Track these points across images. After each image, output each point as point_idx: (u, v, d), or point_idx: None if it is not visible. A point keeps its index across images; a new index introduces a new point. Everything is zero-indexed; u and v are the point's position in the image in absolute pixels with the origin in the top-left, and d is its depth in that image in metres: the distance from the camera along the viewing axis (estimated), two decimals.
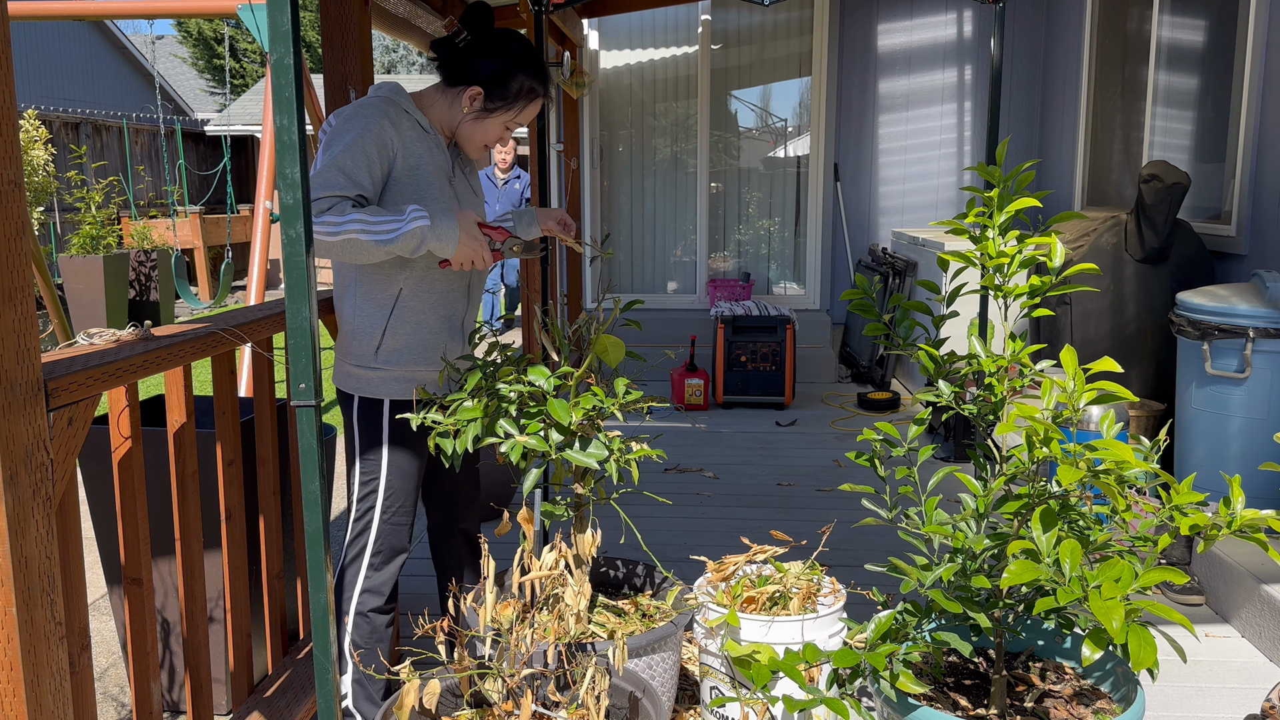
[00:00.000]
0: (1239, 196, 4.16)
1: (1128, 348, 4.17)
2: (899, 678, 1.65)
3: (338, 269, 2.26)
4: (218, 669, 2.52)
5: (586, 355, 2.19)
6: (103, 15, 5.81)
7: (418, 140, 2.15)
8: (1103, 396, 1.59)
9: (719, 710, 2.25)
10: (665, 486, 4.42)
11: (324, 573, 1.67)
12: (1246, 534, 1.48)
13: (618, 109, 7.53)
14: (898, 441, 1.92)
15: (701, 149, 7.39)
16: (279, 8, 1.48)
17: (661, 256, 7.67)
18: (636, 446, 2.09)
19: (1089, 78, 5.95)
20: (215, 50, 24.27)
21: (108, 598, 3.17)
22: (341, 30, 2.50)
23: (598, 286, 7.52)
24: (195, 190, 14.74)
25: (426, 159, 2.16)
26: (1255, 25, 4.07)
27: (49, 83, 15.94)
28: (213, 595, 2.45)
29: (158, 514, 2.40)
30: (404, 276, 2.18)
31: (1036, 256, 1.76)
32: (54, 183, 9.38)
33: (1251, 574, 2.94)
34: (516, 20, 6.00)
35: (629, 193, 7.62)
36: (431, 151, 2.18)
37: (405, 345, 2.20)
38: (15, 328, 1.35)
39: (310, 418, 1.64)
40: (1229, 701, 2.59)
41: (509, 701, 1.82)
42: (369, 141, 2.05)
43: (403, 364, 2.21)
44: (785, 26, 7.30)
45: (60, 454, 1.48)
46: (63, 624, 1.48)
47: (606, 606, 2.35)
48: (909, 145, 7.16)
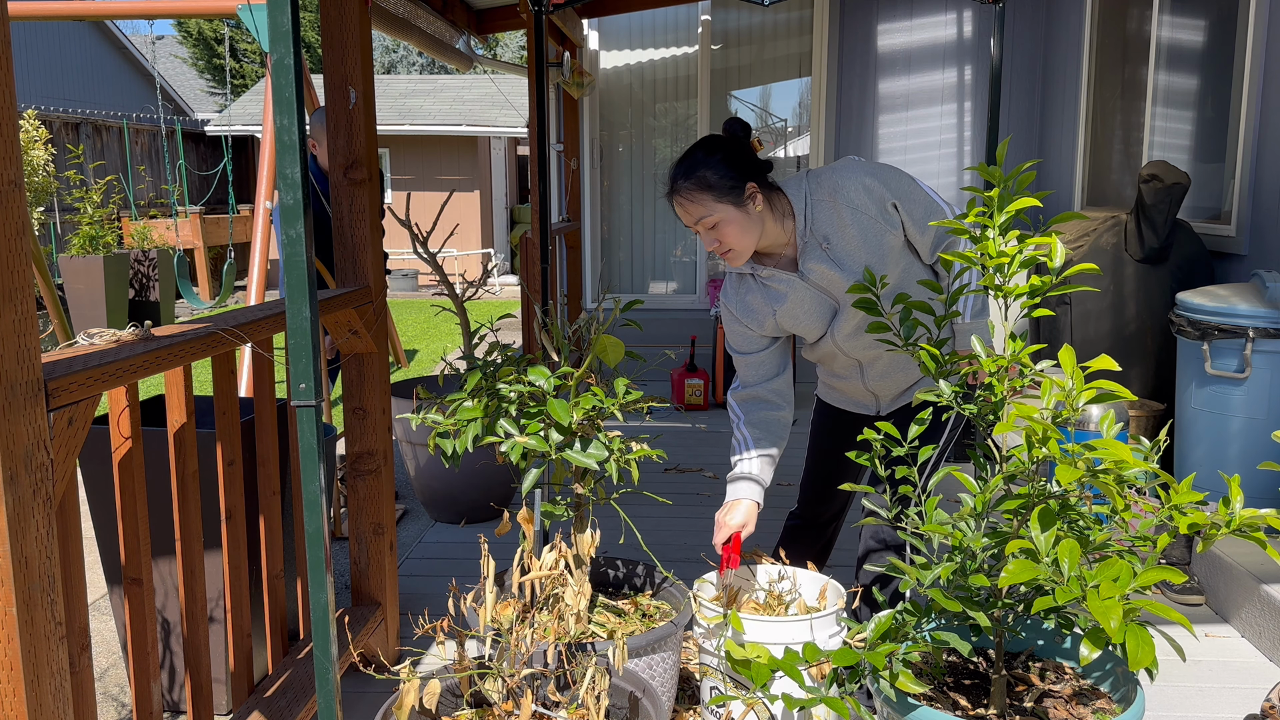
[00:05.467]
0: (1239, 196, 4.16)
1: (1128, 348, 4.17)
2: (899, 677, 1.65)
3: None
4: (218, 669, 2.52)
5: (586, 355, 2.20)
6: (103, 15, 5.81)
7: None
8: (1102, 395, 1.59)
9: (719, 710, 2.25)
10: (665, 486, 4.42)
11: (324, 573, 1.67)
12: (1245, 533, 1.48)
13: (618, 109, 7.53)
14: (898, 441, 1.92)
15: None
16: (279, 8, 1.48)
17: (661, 256, 7.67)
18: (636, 446, 2.09)
19: (1089, 78, 5.95)
20: (215, 50, 24.26)
21: (108, 598, 3.18)
22: (341, 30, 2.50)
23: (598, 286, 7.52)
24: (195, 190, 14.74)
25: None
26: (1255, 25, 4.07)
27: (49, 83, 15.94)
28: (213, 595, 2.46)
29: (158, 514, 2.41)
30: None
31: (1037, 256, 1.76)
32: (54, 183, 9.38)
33: (1251, 574, 2.94)
34: (516, 20, 6.01)
35: (629, 193, 7.62)
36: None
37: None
38: (15, 328, 1.35)
39: (310, 418, 1.65)
40: (1229, 701, 2.59)
41: (509, 701, 1.82)
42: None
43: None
44: (785, 26, 7.30)
45: (60, 454, 1.48)
46: (63, 624, 1.48)
47: (606, 606, 2.35)
48: (909, 145, 7.16)
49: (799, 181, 2.32)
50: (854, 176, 2.28)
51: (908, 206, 2.29)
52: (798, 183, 2.31)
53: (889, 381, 2.49)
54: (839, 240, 2.28)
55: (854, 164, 2.32)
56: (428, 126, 14.35)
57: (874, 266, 2.29)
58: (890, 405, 2.55)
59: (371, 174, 2.59)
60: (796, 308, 2.36)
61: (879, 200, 2.27)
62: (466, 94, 15.83)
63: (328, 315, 2.40)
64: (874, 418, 2.59)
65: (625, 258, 7.70)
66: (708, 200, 2.19)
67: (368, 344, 2.62)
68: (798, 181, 2.32)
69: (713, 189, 2.19)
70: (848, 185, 2.27)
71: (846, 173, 2.29)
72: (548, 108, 4.93)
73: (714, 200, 2.19)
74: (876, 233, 2.27)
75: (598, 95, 7.43)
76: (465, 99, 15.60)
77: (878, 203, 2.27)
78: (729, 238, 2.23)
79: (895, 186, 2.29)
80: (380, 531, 2.72)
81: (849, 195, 2.27)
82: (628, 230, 7.66)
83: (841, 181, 2.28)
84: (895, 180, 2.30)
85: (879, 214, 2.27)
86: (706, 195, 2.19)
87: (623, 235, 7.67)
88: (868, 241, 2.27)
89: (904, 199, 2.29)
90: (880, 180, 2.28)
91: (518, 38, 26.54)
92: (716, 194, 2.19)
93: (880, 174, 2.29)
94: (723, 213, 2.20)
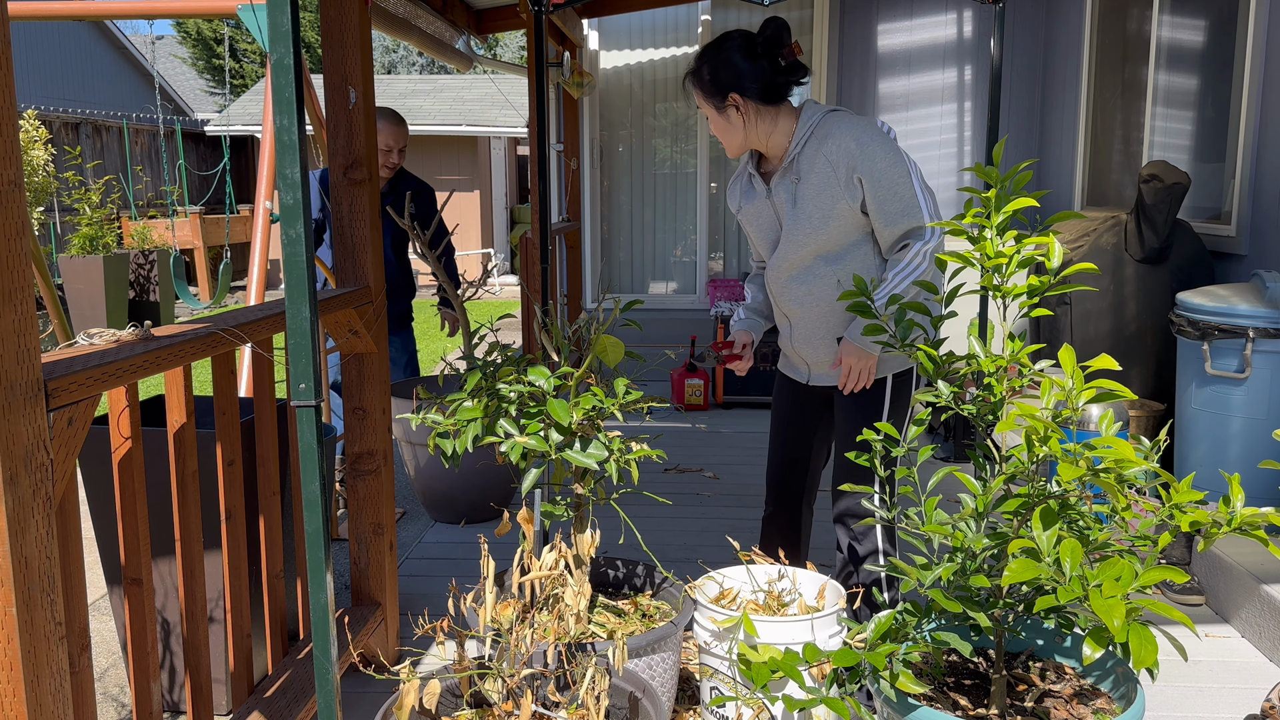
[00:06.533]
0: (1239, 196, 4.16)
1: (1128, 348, 4.17)
2: (899, 678, 1.65)
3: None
4: (218, 669, 2.52)
5: (586, 355, 2.19)
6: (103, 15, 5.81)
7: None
8: (1102, 395, 1.59)
9: (719, 710, 2.25)
10: (665, 486, 4.42)
11: (324, 573, 1.67)
12: (1247, 531, 1.48)
13: (618, 109, 7.53)
14: (897, 441, 1.92)
15: (701, 149, 7.39)
16: (279, 8, 1.48)
17: (661, 256, 7.67)
18: (636, 446, 2.09)
19: (1089, 78, 5.95)
20: (215, 50, 24.26)
21: (108, 598, 3.18)
22: (341, 30, 2.50)
23: (598, 286, 7.52)
24: (195, 190, 14.74)
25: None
26: (1255, 25, 4.07)
27: (49, 83, 15.93)
28: (213, 595, 2.46)
29: (158, 514, 2.41)
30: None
31: (1035, 256, 1.76)
32: (54, 183, 9.38)
33: (1251, 574, 2.94)
34: (516, 20, 6.01)
35: (629, 193, 7.62)
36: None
37: None
38: (15, 328, 1.35)
39: (310, 418, 1.65)
40: (1229, 701, 2.59)
41: (509, 702, 1.82)
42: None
43: None
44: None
45: (60, 454, 1.48)
46: (63, 624, 1.48)
47: (606, 606, 2.35)
48: (909, 145, 7.15)
49: (815, 112, 2.43)
50: (849, 131, 2.35)
51: (875, 189, 2.35)
52: (812, 112, 2.44)
53: (809, 349, 2.56)
54: (806, 181, 2.40)
55: (862, 124, 2.37)
56: (428, 126, 14.35)
57: (817, 222, 2.40)
58: (818, 379, 2.61)
59: (371, 174, 2.59)
60: (755, 216, 2.56)
61: (849, 166, 2.35)
62: (466, 94, 15.83)
63: (327, 315, 2.40)
64: (804, 386, 2.66)
65: (625, 258, 7.70)
66: (699, 95, 2.47)
67: (368, 344, 2.62)
68: (814, 111, 2.44)
69: (702, 87, 2.45)
70: (839, 136, 2.36)
71: (847, 126, 2.37)
72: (548, 108, 4.93)
73: (703, 97, 2.46)
74: (831, 195, 2.37)
75: (598, 95, 7.42)
76: (465, 99, 15.60)
77: (847, 168, 2.35)
78: (715, 130, 2.49)
79: (877, 163, 2.34)
80: (380, 531, 2.72)
81: (831, 147, 2.37)
82: (628, 230, 7.66)
83: (836, 131, 2.37)
84: (883, 158, 2.34)
85: (844, 179, 2.36)
86: (698, 90, 2.46)
87: (623, 235, 7.67)
88: (821, 196, 2.39)
89: (875, 179, 2.34)
90: (864, 148, 2.33)
91: (518, 38, 26.53)
92: (704, 93, 2.45)
93: (871, 144, 2.34)
94: (708, 110, 2.47)
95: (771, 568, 2.43)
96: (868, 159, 2.33)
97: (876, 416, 2.49)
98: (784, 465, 2.73)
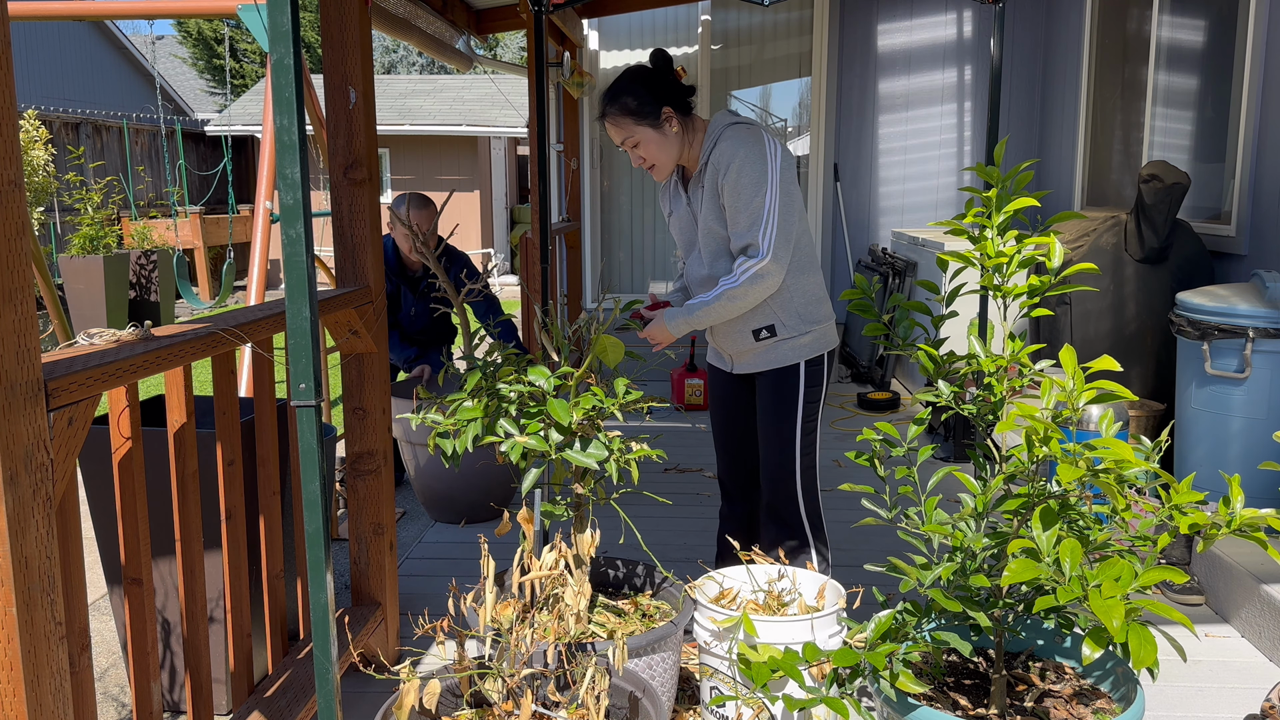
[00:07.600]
0: (1239, 196, 4.16)
1: (1128, 348, 4.17)
2: (899, 677, 1.65)
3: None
4: (218, 669, 2.52)
5: (586, 355, 2.20)
6: (103, 15, 5.81)
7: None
8: (1102, 395, 1.59)
9: (719, 710, 2.25)
10: (665, 486, 4.42)
11: (324, 572, 1.67)
12: (1246, 533, 1.48)
13: None
14: (897, 441, 1.92)
15: None
16: (279, 8, 1.48)
17: (661, 256, 7.67)
18: (636, 446, 2.09)
19: (1089, 78, 5.95)
20: (215, 50, 24.26)
21: (108, 598, 3.18)
22: (341, 30, 2.50)
23: (598, 286, 7.52)
24: (195, 190, 14.74)
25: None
26: (1255, 25, 4.07)
27: (49, 83, 15.94)
28: (213, 595, 2.46)
29: (158, 514, 2.41)
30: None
31: (1035, 256, 1.76)
32: (54, 183, 9.38)
33: (1251, 574, 2.94)
34: (516, 20, 6.01)
35: (629, 193, 7.62)
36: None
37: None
38: (15, 328, 1.35)
39: (310, 418, 1.65)
40: (1229, 701, 2.59)
41: (509, 701, 1.82)
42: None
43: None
44: (785, 26, 7.30)
45: (60, 454, 1.48)
46: (63, 624, 1.48)
47: (606, 606, 2.35)
48: (909, 145, 7.16)
49: (719, 123, 2.60)
50: (728, 142, 2.52)
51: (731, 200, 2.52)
52: (717, 123, 2.60)
53: (728, 341, 2.73)
54: (707, 187, 2.58)
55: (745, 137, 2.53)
56: (428, 126, 14.35)
57: (714, 223, 2.59)
58: (741, 367, 2.77)
59: (371, 174, 2.59)
60: (677, 221, 2.74)
61: (720, 174, 2.53)
62: (466, 94, 15.83)
63: (328, 315, 2.40)
64: (729, 374, 2.83)
65: (625, 258, 7.70)
66: (629, 123, 2.56)
67: (368, 344, 2.62)
68: (719, 122, 2.60)
69: (633, 113, 2.56)
70: (722, 146, 2.53)
71: (730, 137, 2.53)
72: (548, 108, 4.93)
73: (634, 123, 2.56)
74: (717, 200, 2.57)
75: (598, 95, 7.43)
76: (465, 99, 15.60)
77: (720, 176, 2.54)
78: (649, 154, 2.60)
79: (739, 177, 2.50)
80: (380, 531, 2.72)
81: (715, 155, 2.55)
82: (628, 230, 7.66)
83: (722, 140, 2.54)
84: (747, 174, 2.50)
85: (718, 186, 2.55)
86: (628, 119, 2.56)
87: (623, 235, 7.67)
88: (712, 201, 2.58)
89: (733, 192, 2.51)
90: (733, 160, 2.50)
91: (518, 38, 26.53)
92: (636, 117, 2.56)
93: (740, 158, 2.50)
94: (642, 133, 2.57)
95: (771, 568, 2.43)
96: (732, 171, 2.50)
97: (792, 397, 2.68)
98: (729, 454, 2.90)
